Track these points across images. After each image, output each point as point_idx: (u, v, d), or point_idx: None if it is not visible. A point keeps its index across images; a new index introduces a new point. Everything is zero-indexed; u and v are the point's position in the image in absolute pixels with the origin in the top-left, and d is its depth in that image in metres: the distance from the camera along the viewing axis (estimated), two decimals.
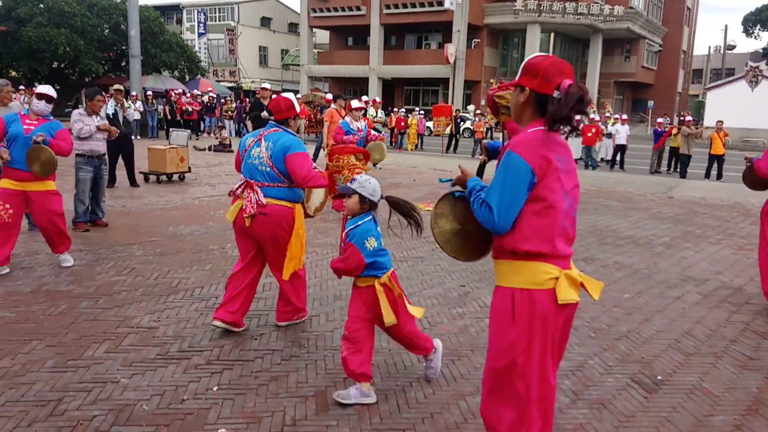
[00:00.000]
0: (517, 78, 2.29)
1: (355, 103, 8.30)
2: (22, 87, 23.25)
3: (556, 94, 2.13)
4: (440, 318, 4.60)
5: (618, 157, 17.46)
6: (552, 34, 38.19)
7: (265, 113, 4.15)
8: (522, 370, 2.24)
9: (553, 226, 2.18)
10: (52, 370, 3.51)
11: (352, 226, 3.21)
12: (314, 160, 6.81)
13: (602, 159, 18.29)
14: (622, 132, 17.22)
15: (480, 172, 2.62)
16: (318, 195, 4.47)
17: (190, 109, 23.48)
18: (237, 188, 4.00)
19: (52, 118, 5.62)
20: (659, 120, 18.07)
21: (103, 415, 3.04)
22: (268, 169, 3.91)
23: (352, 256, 3.15)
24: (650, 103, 40.40)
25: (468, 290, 5.31)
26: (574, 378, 3.64)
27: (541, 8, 35.39)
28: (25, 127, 5.35)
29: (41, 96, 5.48)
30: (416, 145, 22.40)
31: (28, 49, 28.10)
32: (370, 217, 3.24)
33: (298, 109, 4.19)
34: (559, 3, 35.56)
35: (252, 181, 3.92)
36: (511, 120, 2.42)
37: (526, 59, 2.30)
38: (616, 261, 6.50)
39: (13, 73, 29.77)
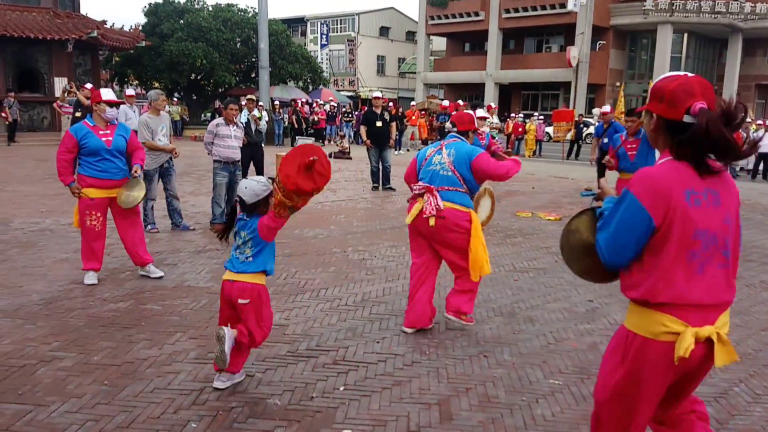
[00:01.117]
0: (647, 102, 2.12)
1: (480, 113, 8.38)
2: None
3: (686, 119, 1.94)
4: (567, 334, 4.43)
5: (761, 167, 16.01)
6: (685, 35, 35.81)
7: (448, 124, 4.41)
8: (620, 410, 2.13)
9: (671, 272, 1.95)
10: (194, 361, 3.78)
11: None
12: None
13: (742, 168, 16.86)
14: (765, 139, 15.74)
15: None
16: (485, 208, 4.53)
17: (316, 118, 24.56)
18: (416, 194, 4.21)
19: (117, 122, 5.48)
20: None
21: (240, 407, 3.23)
22: (449, 173, 4.11)
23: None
24: None
25: (596, 306, 5.08)
26: (718, 405, 3.37)
27: (674, 7, 33.26)
28: (103, 139, 5.21)
29: (111, 103, 5.29)
30: (534, 152, 21.84)
31: (169, 62, 30.53)
32: None
33: (477, 124, 4.51)
34: (693, 2, 33.26)
35: (432, 186, 4.11)
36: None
37: (654, 81, 2.11)
38: (762, 281, 5.94)
39: (156, 85, 32.46)
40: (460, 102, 21.29)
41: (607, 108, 12.05)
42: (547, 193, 11.78)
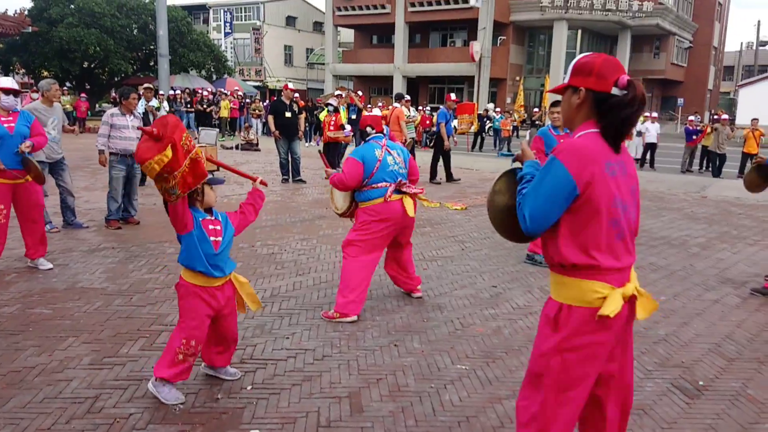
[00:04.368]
0: (566, 80, 2.19)
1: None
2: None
3: (614, 90, 2.06)
4: (473, 319, 4.54)
5: (648, 156, 17.17)
6: (579, 31, 37.68)
7: (369, 128, 4.59)
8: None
9: (598, 237, 2.07)
10: (88, 367, 3.54)
11: None
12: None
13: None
14: (651, 130, 16.92)
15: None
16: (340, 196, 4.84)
17: (230, 106, 23.99)
18: (390, 192, 4.51)
19: (19, 109, 5.48)
20: (690, 118, 17.70)
21: (140, 413, 3.06)
22: (405, 171, 4.68)
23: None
24: (680, 100, 39.61)
25: (500, 291, 5.25)
26: None
27: (568, 5, 34.93)
28: (5, 126, 5.18)
29: (8, 91, 5.27)
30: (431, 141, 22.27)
31: (59, 50, 28.59)
32: None
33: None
34: None
35: (404, 182, 4.60)
36: None
37: (574, 60, 2.19)
38: (650, 262, 6.37)
39: (45, 73, 30.26)
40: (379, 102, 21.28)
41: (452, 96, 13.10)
42: (453, 184, 12.04)
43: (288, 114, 11.15)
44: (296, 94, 12.71)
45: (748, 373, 3.76)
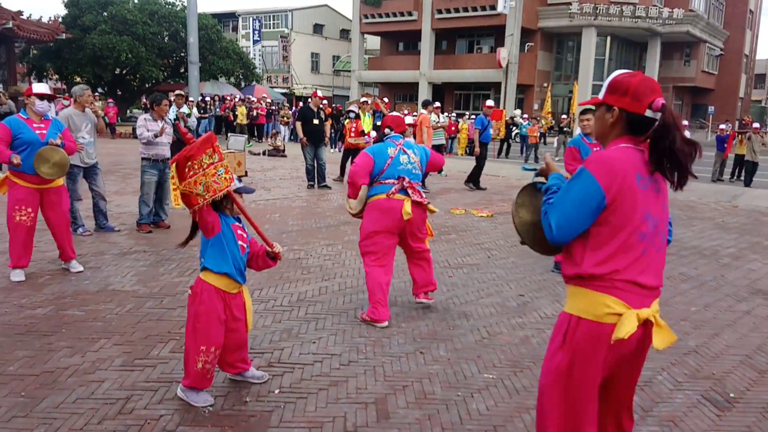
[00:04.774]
0: (601, 96, 2.18)
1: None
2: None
3: (648, 112, 2.05)
4: (499, 328, 4.52)
5: None
6: (608, 38, 37.33)
7: (387, 129, 4.84)
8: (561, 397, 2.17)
9: (622, 249, 2.03)
10: (120, 368, 3.61)
11: None
12: None
13: None
14: None
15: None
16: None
17: (256, 113, 24.13)
18: (394, 190, 4.59)
19: (51, 117, 5.58)
20: (721, 126, 17.38)
21: (170, 414, 3.10)
22: (418, 171, 4.75)
23: None
24: (711, 108, 38.94)
25: (527, 300, 5.21)
26: (642, 394, 3.51)
27: (598, 11, 34.63)
28: (37, 132, 5.25)
29: (42, 96, 5.33)
30: (467, 150, 22.21)
31: (92, 56, 29.19)
32: None
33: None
34: (615, 6, 34.73)
35: (412, 182, 4.65)
36: None
37: (611, 76, 2.17)
38: (681, 272, 6.26)
39: (78, 79, 30.94)
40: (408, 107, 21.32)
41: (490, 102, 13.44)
42: (479, 191, 12.01)
43: (316, 121, 11.24)
44: (324, 101, 12.83)
45: None
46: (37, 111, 5.36)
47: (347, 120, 12.41)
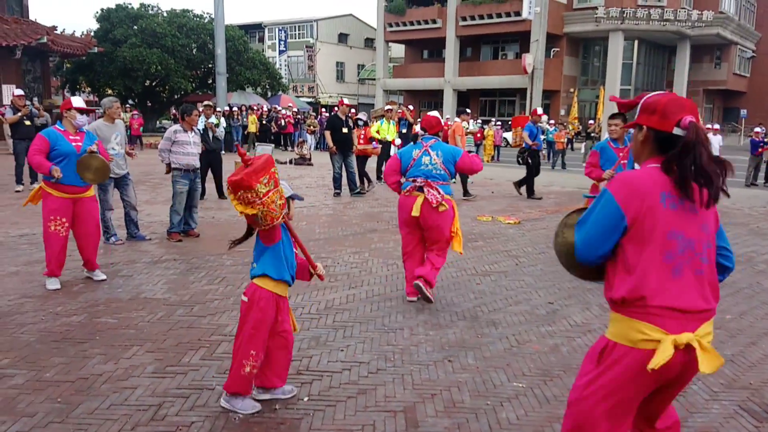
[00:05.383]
0: (635, 118, 2.19)
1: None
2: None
3: (676, 130, 2.03)
4: (528, 336, 4.47)
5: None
6: (636, 42, 36.92)
7: (420, 130, 5.41)
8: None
9: (649, 271, 1.99)
10: (152, 375, 3.66)
11: None
12: None
13: None
14: (714, 142, 16.28)
15: None
16: None
17: (284, 122, 24.41)
18: (410, 188, 5.01)
19: (85, 129, 5.79)
20: (756, 129, 17.00)
21: (201, 421, 3.14)
22: (441, 171, 5.00)
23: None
24: (743, 111, 38.13)
25: (557, 308, 5.15)
26: (677, 404, 3.42)
27: (625, 15, 34.26)
28: (73, 144, 5.42)
29: (80, 110, 5.61)
30: (493, 157, 22.11)
31: (122, 69, 29.88)
32: None
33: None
34: (643, 9, 34.33)
35: (430, 181, 4.95)
36: None
37: (644, 98, 2.16)
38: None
39: (109, 91, 31.70)
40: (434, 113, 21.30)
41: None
42: (506, 198, 11.93)
43: (344, 129, 11.31)
44: (352, 110, 12.91)
45: None
46: (77, 124, 5.59)
47: (356, 127, 12.48)
